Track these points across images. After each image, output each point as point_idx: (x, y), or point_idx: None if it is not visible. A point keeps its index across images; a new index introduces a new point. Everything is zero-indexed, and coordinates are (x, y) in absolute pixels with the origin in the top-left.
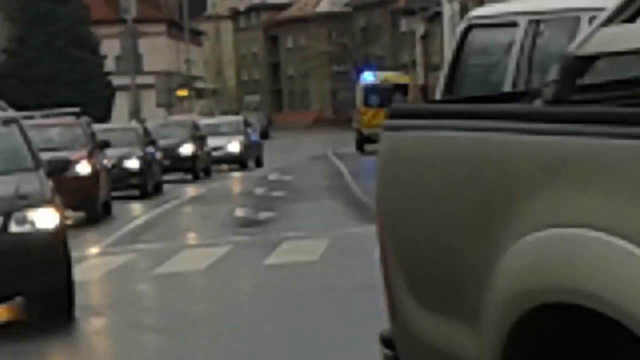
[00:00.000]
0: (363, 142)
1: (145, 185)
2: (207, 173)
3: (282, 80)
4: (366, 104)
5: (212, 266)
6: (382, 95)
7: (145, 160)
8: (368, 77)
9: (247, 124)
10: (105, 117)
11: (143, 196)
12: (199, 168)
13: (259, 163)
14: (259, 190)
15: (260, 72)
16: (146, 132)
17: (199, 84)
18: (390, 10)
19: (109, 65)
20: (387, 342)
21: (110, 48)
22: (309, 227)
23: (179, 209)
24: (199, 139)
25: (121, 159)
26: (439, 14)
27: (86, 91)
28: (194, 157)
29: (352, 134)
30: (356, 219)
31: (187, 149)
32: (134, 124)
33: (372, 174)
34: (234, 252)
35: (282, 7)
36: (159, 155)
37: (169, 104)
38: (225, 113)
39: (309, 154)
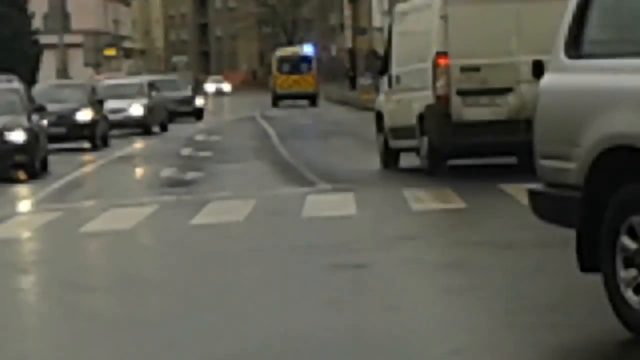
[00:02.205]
0: (277, 99)
1: (32, 164)
2: (105, 142)
3: (211, 41)
4: (279, 70)
5: (138, 225)
6: (291, 64)
7: (32, 132)
8: (280, 51)
9: (152, 86)
10: (32, 75)
11: (30, 177)
12: (98, 136)
13: (164, 128)
14: (186, 151)
15: (189, 33)
16: (28, 94)
17: (127, 44)
18: None
19: (37, 23)
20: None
21: (38, 6)
22: (235, 187)
23: (85, 178)
24: (98, 103)
25: (1, 131)
26: None
27: (13, 49)
28: (93, 123)
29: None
30: (283, 180)
31: (85, 115)
32: (16, 83)
33: (299, 137)
34: (160, 211)
35: None
36: (45, 122)
37: (97, 64)
38: (152, 73)
39: (236, 115)
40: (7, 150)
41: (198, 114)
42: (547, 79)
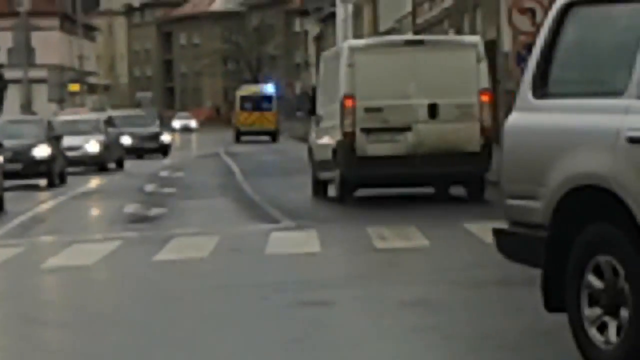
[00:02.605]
0: (239, 135)
1: None
2: (62, 179)
3: (175, 77)
4: (242, 108)
5: (100, 261)
6: (252, 102)
7: None
8: (242, 90)
9: (109, 122)
10: None
11: None
12: (55, 173)
13: (120, 165)
14: (150, 187)
15: (153, 69)
16: None
17: (92, 79)
18: (285, 10)
19: (1, 57)
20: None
21: (3, 40)
22: (199, 224)
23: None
24: (55, 139)
25: None
26: (333, 15)
27: None
28: (50, 160)
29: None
30: (247, 217)
31: (42, 151)
32: None
33: (263, 174)
34: (123, 247)
35: (176, 4)
36: (0, 159)
37: (61, 99)
38: (117, 108)
39: (201, 151)
40: None
41: (164, 150)
42: (513, 117)
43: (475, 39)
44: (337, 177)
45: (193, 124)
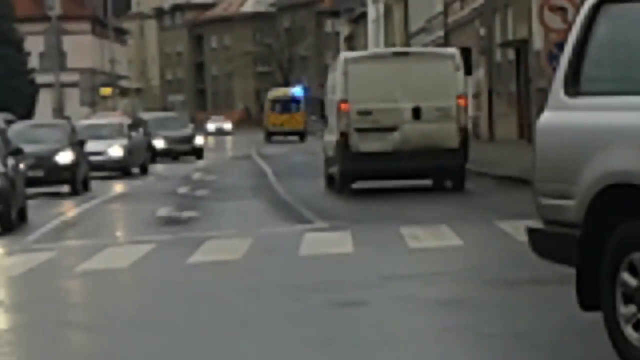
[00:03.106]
0: (269, 135)
1: (8, 214)
2: (86, 185)
3: (206, 79)
4: (272, 110)
5: (135, 264)
6: (282, 104)
7: (8, 178)
8: (271, 92)
9: (132, 126)
10: (28, 114)
11: (4, 230)
12: (79, 179)
13: (144, 169)
14: (183, 189)
15: (185, 72)
16: (3, 135)
17: (123, 83)
18: (315, 11)
19: (33, 62)
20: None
21: (34, 45)
22: (232, 226)
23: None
24: (79, 144)
25: None
26: (363, 15)
27: (9, 88)
28: (74, 166)
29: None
30: (279, 218)
31: (65, 157)
32: None
33: (295, 175)
34: (157, 250)
35: (206, 6)
36: (23, 165)
37: (93, 103)
38: (148, 111)
39: (233, 153)
40: None
41: (198, 152)
42: (546, 116)
43: (453, 50)
44: (336, 171)
45: (227, 126)
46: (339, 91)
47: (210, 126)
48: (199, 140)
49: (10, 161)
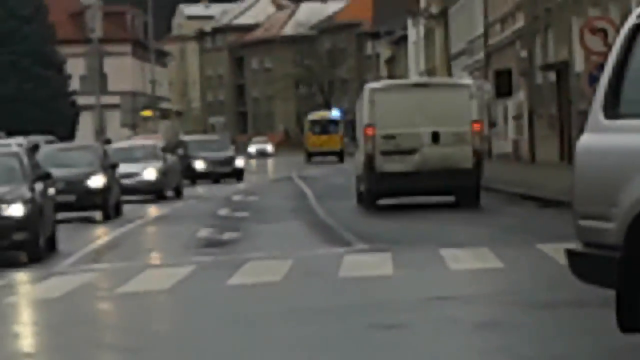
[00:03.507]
0: (309, 156)
1: (35, 242)
2: (118, 210)
3: (248, 101)
4: (311, 131)
5: (175, 286)
6: (321, 126)
7: (35, 204)
8: (311, 115)
9: (166, 149)
10: (70, 136)
11: (32, 260)
12: (111, 204)
13: (178, 193)
14: (223, 211)
15: (226, 94)
16: (31, 158)
17: (164, 105)
18: (356, 34)
19: (74, 84)
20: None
21: (76, 67)
22: (272, 248)
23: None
24: (110, 168)
25: None
26: (404, 38)
27: (51, 110)
28: (105, 190)
29: (321, 164)
30: (320, 240)
31: (97, 181)
32: (15, 146)
33: (335, 197)
34: (198, 272)
35: (248, 28)
36: (52, 190)
37: (134, 124)
38: (189, 134)
39: (273, 175)
40: (3, 227)
41: (238, 174)
42: (585, 138)
43: (468, 81)
44: (364, 189)
45: (269, 148)
46: (366, 117)
47: (252, 148)
48: (239, 162)
49: (39, 186)
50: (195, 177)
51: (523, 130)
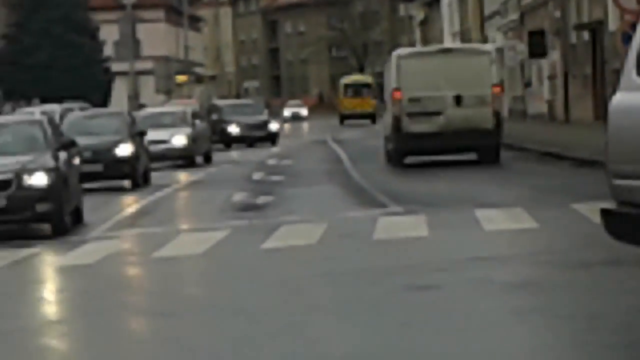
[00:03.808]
0: (343, 119)
1: (60, 214)
2: (146, 179)
3: (281, 65)
4: (345, 95)
5: (210, 250)
6: (354, 90)
7: (59, 174)
8: (344, 78)
9: (196, 115)
10: (104, 102)
11: (57, 232)
12: (140, 173)
13: (207, 159)
14: (257, 175)
15: (259, 58)
16: (54, 127)
17: (198, 70)
18: None
19: (108, 50)
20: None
21: (109, 34)
22: (307, 211)
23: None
24: (138, 136)
25: (19, 173)
26: (437, 0)
27: (85, 77)
28: (134, 159)
29: (354, 126)
30: (354, 203)
31: (125, 149)
32: (37, 114)
33: (369, 160)
34: (232, 236)
35: None
36: (77, 159)
37: (168, 90)
38: (224, 98)
39: (307, 139)
40: (25, 198)
41: (273, 138)
42: (618, 98)
43: (489, 47)
44: (391, 149)
45: (304, 111)
46: (393, 81)
47: (287, 112)
48: (273, 126)
49: (63, 155)
50: (229, 142)
51: (557, 90)
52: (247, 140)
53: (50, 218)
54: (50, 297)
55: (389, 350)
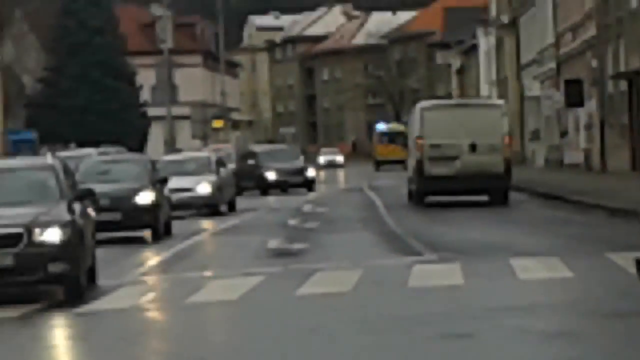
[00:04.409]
0: (378, 165)
1: (76, 274)
2: (168, 229)
3: (318, 112)
4: (379, 142)
5: (244, 296)
6: (389, 137)
7: (75, 228)
8: (380, 126)
9: (220, 163)
10: (140, 147)
11: (71, 296)
12: (161, 222)
13: (232, 207)
14: (293, 222)
15: (296, 104)
16: (68, 173)
17: (235, 115)
18: (426, 43)
19: (145, 95)
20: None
21: (146, 78)
22: (342, 258)
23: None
24: (160, 183)
25: (30, 227)
26: (474, 47)
27: (122, 121)
28: (154, 207)
29: (388, 172)
30: (389, 250)
31: (145, 198)
32: (50, 159)
33: (404, 207)
34: (267, 282)
35: (318, 39)
36: (91, 211)
37: (204, 135)
38: (260, 144)
39: (343, 186)
40: (36, 256)
41: (309, 185)
42: None
43: (501, 101)
44: (414, 189)
45: (339, 158)
46: (417, 130)
47: (321, 159)
48: (310, 172)
49: (77, 206)
50: (266, 187)
51: (594, 140)
52: (283, 186)
53: (64, 280)
54: (89, 344)
55: None
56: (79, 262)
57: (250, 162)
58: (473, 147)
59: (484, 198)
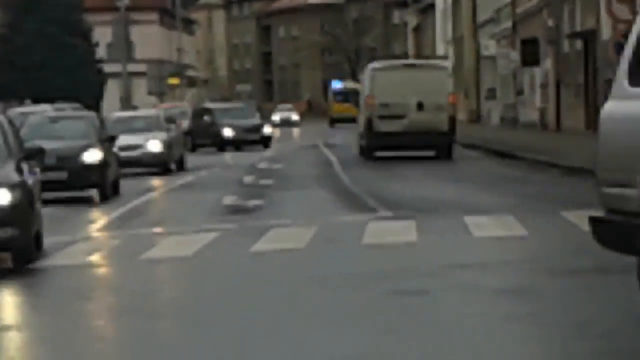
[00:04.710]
0: (332, 122)
1: (27, 241)
2: (116, 189)
3: (274, 69)
4: (334, 100)
5: (199, 252)
6: (343, 95)
7: (25, 190)
8: (335, 84)
9: (170, 120)
10: (96, 104)
11: (20, 262)
12: (109, 182)
13: (180, 166)
14: (248, 179)
15: (252, 62)
16: (15, 130)
17: (191, 73)
18: (383, 2)
19: (101, 52)
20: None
21: (102, 35)
22: (297, 215)
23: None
24: (108, 141)
25: None
26: (431, 6)
27: (78, 78)
28: (102, 166)
29: (343, 129)
30: (344, 207)
31: (93, 156)
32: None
33: (360, 164)
34: (222, 238)
35: None
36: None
37: (160, 92)
38: (216, 101)
39: (298, 143)
40: None
41: (265, 142)
42: (609, 106)
43: (447, 63)
44: (364, 144)
45: (294, 116)
46: (367, 89)
47: (276, 116)
48: (266, 129)
49: (26, 166)
50: (223, 144)
51: (549, 99)
52: (239, 143)
53: (13, 245)
54: (42, 295)
55: (375, 355)
56: (29, 227)
57: (206, 119)
58: (420, 106)
59: (430, 153)
